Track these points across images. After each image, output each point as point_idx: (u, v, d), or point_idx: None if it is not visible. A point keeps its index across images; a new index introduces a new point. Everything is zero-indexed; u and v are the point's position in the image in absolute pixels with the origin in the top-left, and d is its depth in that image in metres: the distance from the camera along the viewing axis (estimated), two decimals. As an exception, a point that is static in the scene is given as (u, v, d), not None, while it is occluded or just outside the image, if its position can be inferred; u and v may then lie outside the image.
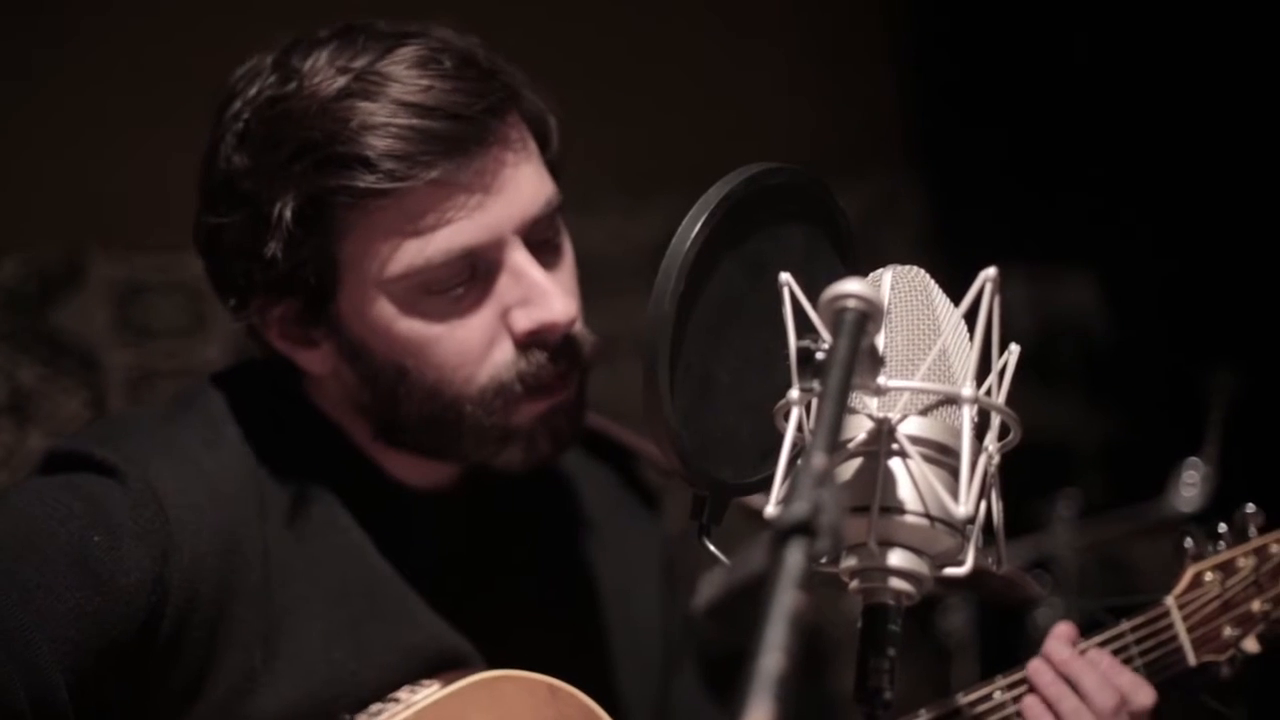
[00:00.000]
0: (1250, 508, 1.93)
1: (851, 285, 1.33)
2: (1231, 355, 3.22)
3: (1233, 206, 3.49)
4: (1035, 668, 1.85)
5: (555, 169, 1.87)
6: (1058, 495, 3.22)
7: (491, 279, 1.79)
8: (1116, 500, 3.25)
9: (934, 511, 1.41)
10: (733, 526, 1.58)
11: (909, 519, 1.41)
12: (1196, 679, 1.90)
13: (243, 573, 1.77)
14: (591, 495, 2.08)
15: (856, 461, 1.43)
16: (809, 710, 3.38)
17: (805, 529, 1.16)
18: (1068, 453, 3.68)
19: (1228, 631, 1.89)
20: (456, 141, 1.75)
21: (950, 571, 1.46)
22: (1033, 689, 1.84)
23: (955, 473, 1.42)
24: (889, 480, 1.42)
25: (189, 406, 1.87)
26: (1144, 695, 1.83)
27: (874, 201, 3.83)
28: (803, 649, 1.38)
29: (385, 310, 1.78)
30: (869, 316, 1.33)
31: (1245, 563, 1.90)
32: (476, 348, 1.79)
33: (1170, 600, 1.90)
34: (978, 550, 1.47)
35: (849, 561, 1.43)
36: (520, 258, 1.79)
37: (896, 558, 1.42)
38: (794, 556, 1.15)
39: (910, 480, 1.42)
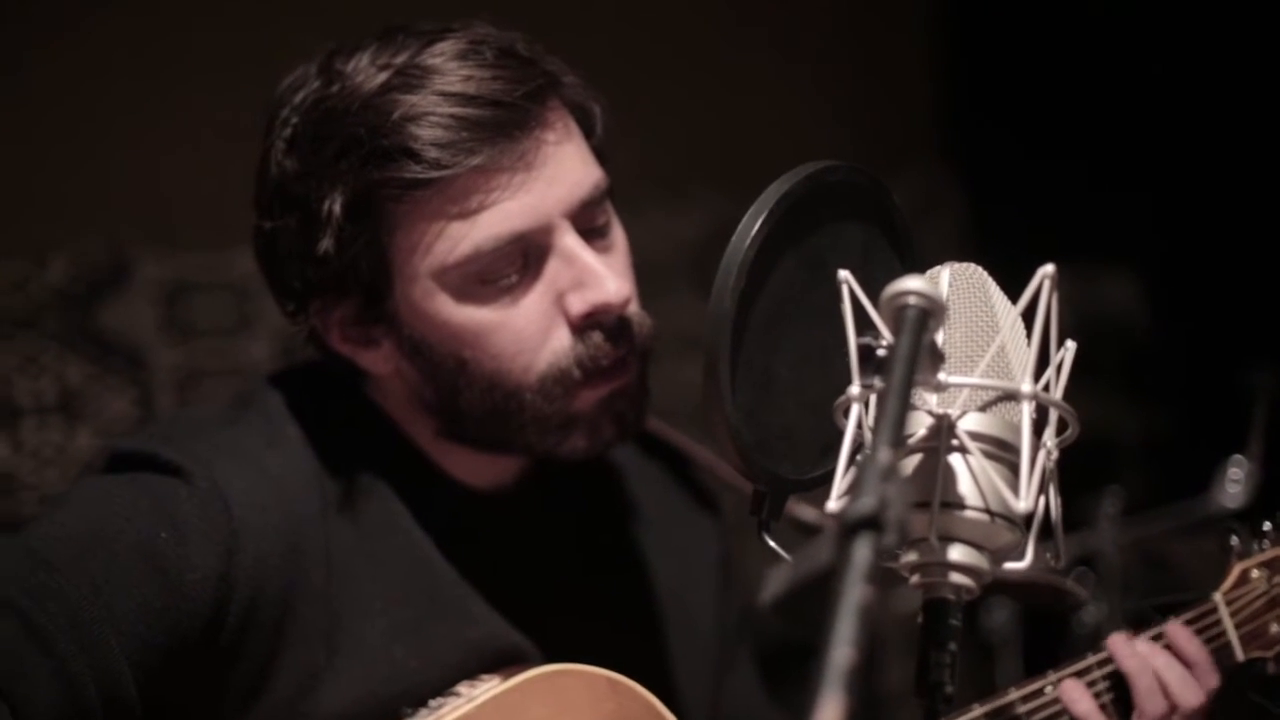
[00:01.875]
0: None
1: (913, 282, 1.33)
2: (1274, 353, 3.21)
3: (1275, 203, 3.48)
4: (1116, 643, 1.87)
5: (603, 156, 1.88)
6: (1102, 493, 3.22)
7: (543, 265, 1.80)
8: (1160, 498, 3.25)
9: (994, 507, 1.42)
10: (784, 540, 1.59)
11: (969, 514, 1.42)
12: (1244, 675, 1.92)
13: (306, 572, 1.78)
14: (649, 495, 2.09)
15: (917, 457, 1.44)
16: (858, 708, 3.38)
17: (873, 523, 1.17)
18: (1111, 451, 3.68)
19: (1275, 628, 1.91)
20: (499, 127, 1.76)
21: (1010, 566, 1.46)
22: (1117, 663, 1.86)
23: (1014, 468, 1.43)
24: (949, 476, 1.43)
25: (249, 407, 1.88)
26: (1210, 679, 1.86)
27: (910, 201, 3.83)
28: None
29: (440, 302, 1.79)
30: (930, 313, 1.34)
31: None
32: (533, 334, 1.79)
33: (1218, 597, 1.91)
34: (1036, 545, 1.47)
35: (910, 556, 1.44)
36: (570, 241, 1.79)
37: (957, 553, 1.43)
38: (862, 551, 1.16)
39: (970, 476, 1.43)
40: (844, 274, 1.48)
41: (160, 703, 1.70)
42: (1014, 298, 1.51)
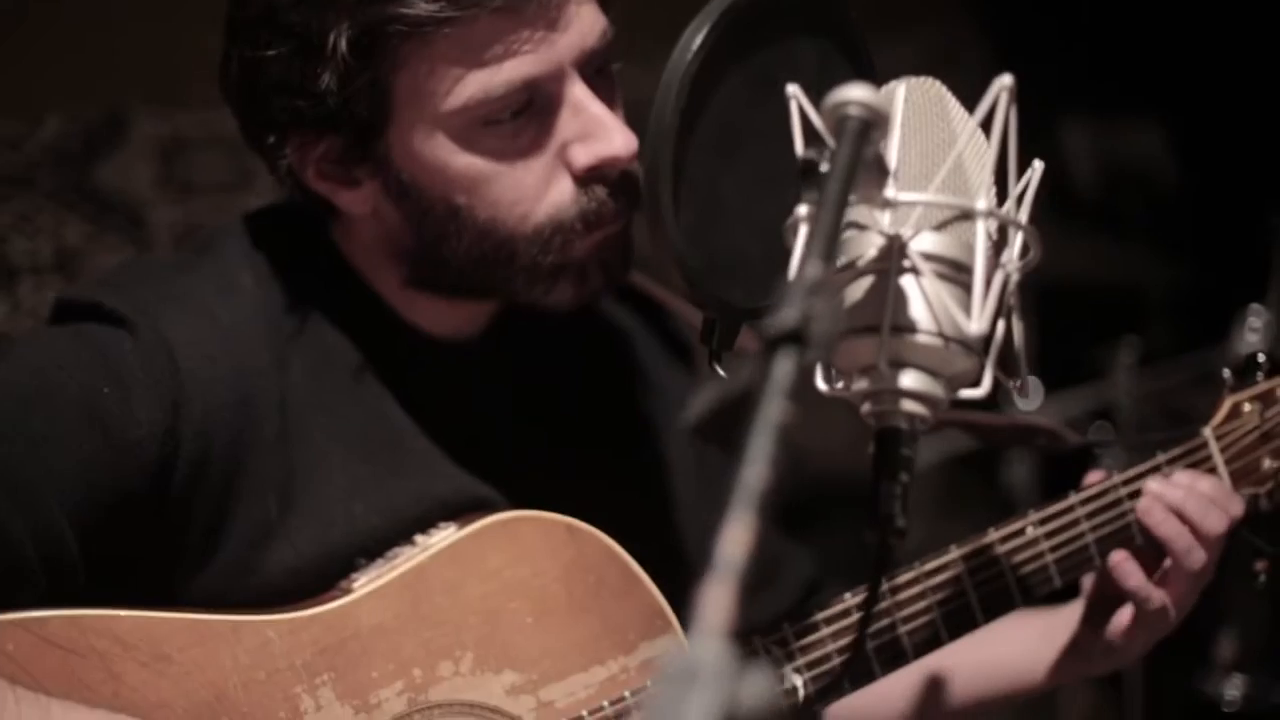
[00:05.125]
0: None
1: (855, 91, 1.26)
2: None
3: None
4: (1145, 507, 1.82)
5: (607, 3, 1.81)
6: (1119, 343, 3.17)
7: (548, 113, 1.72)
8: (1179, 348, 3.20)
9: (948, 331, 1.36)
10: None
11: (921, 338, 1.36)
12: None
13: (258, 425, 1.73)
14: (622, 345, 2.02)
15: (868, 280, 1.38)
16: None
17: (795, 338, 1.11)
18: (1129, 300, 3.63)
19: (1267, 463, 1.86)
20: None
21: (967, 393, 1.40)
22: (1147, 533, 1.83)
23: (971, 290, 1.37)
24: (901, 299, 1.36)
25: (205, 253, 1.82)
26: (1235, 506, 1.83)
27: (929, 57, 3.75)
28: (860, 506, 1.34)
29: (441, 146, 1.71)
30: (872, 124, 1.27)
31: None
32: (534, 184, 1.72)
33: (1208, 431, 1.86)
34: (995, 372, 1.41)
35: (860, 384, 1.38)
36: (579, 91, 1.72)
37: (909, 379, 1.36)
38: (783, 366, 1.10)
39: (923, 298, 1.36)
40: (793, 89, 1.41)
41: (109, 562, 1.66)
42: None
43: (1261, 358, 1.89)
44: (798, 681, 1.76)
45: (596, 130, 1.73)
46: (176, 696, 1.63)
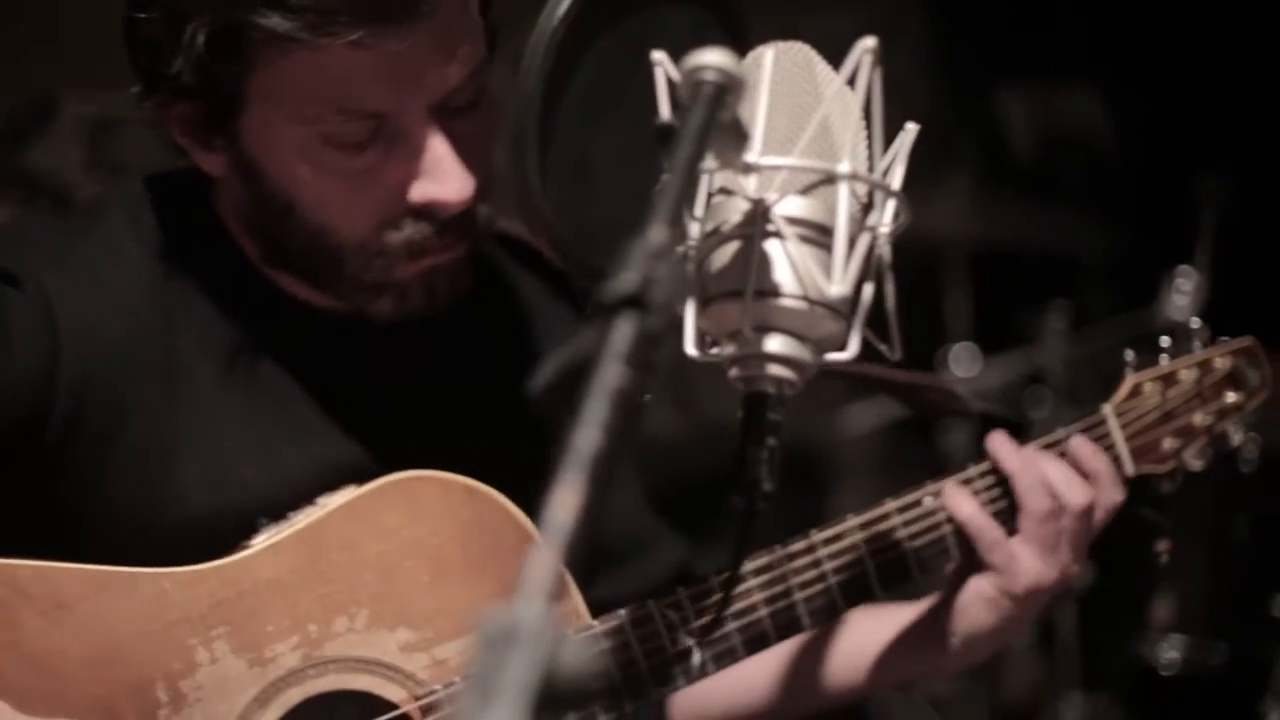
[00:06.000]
0: (1196, 323, 1.94)
1: (708, 56, 1.26)
2: (1222, 162, 3.15)
3: (1228, 18, 3.41)
4: (994, 443, 1.83)
5: (493, 27, 1.78)
6: (1049, 307, 3.17)
7: (393, 144, 1.71)
8: (1110, 311, 3.21)
9: (811, 294, 1.36)
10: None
11: (785, 301, 1.36)
12: (1136, 490, 1.87)
13: (140, 385, 1.74)
14: (513, 305, 2.01)
15: (734, 245, 1.38)
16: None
17: (634, 302, 1.11)
18: (1060, 265, 3.63)
19: (1168, 443, 1.87)
20: (385, 9, 1.63)
21: (833, 357, 1.41)
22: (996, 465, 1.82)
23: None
24: (765, 263, 1.37)
25: (96, 217, 1.83)
26: (1115, 492, 1.84)
27: (873, 23, 3.74)
28: (799, 471, 1.34)
29: (285, 150, 1.71)
30: (727, 89, 1.27)
31: (1187, 376, 1.89)
32: (366, 208, 1.72)
33: (1108, 408, 1.86)
34: (864, 334, 1.41)
35: (727, 349, 1.38)
36: (427, 130, 1.70)
37: (775, 343, 1.37)
38: (620, 331, 1.11)
39: (788, 262, 1.37)
40: (658, 55, 1.41)
41: None
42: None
43: (1166, 342, 1.92)
44: (692, 644, 1.76)
45: (434, 172, 1.71)
46: (73, 645, 1.65)
